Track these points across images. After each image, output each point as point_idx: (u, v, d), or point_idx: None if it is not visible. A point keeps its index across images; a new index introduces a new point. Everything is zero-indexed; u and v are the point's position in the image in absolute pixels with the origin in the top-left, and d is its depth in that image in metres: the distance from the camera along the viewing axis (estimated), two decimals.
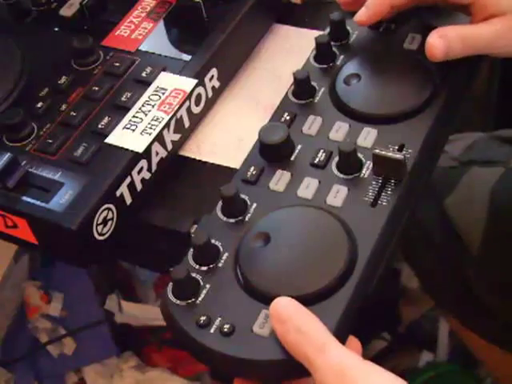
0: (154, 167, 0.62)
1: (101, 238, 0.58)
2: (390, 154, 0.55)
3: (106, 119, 0.62)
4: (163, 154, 0.62)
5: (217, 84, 0.67)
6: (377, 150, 0.56)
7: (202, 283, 0.53)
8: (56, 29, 0.71)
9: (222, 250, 0.55)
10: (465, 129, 0.88)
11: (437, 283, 0.92)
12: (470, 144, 0.85)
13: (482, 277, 0.81)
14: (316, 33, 0.68)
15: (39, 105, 0.64)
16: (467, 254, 0.81)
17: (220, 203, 0.57)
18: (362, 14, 0.64)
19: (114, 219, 0.59)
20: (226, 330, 0.50)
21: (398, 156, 0.55)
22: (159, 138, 0.61)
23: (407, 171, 0.56)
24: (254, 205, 0.57)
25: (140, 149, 0.60)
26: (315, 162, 0.58)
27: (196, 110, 0.65)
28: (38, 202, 0.57)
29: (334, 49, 0.66)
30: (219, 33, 0.67)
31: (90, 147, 0.60)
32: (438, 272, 0.89)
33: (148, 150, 0.60)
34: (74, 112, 0.63)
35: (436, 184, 0.82)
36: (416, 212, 0.69)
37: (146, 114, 0.62)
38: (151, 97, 0.63)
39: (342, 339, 0.50)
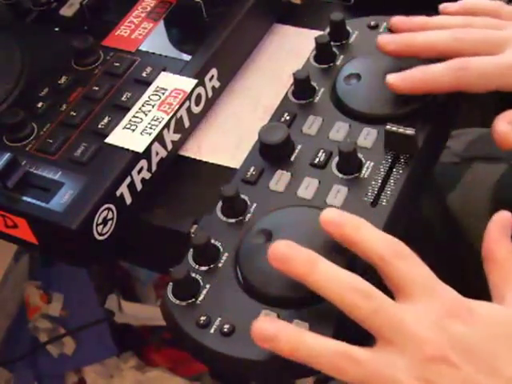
0: (154, 167, 0.62)
1: (101, 237, 0.58)
2: (401, 130, 0.57)
3: (106, 119, 0.62)
4: (163, 154, 0.62)
5: (217, 84, 0.67)
6: (388, 126, 0.57)
7: (202, 283, 0.53)
8: (56, 29, 0.71)
9: (222, 250, 0.55)
10: (466, 125, 0.88)
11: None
12: (472, 140, 0.85)
13: (483, 273, 0.81)
14: (316, 33, 0.68)
15: (39, 105, 0.64)
16: (469, 251, 0.81)
17: (220, 203, 0.57)
18: (395, 80, 0.60)
19: (114, 219, 0.59)
20: (225, 330, 0.50)
21: (409, 132, 0.56)
22: (159, 138, 0.61)
23: (418, 147, 0.57)
24: (254, 205, 0.57)
25: (140, 149, 0.60)
26: (315, 162, 0.58)
27: (196, 109, 0.65)
28: (37, 202, 0.57)
29: (334, 49, 0.66)
30: (219, 33, 0.67)
31: (89, 147, 0.60)
32: (438, 268, 0.89)
33: (148, 150, 0.60)
34: (73, 112, 0.63)
35: (438, 180, 0.82)
36: (417, 209, 0.69)
37: (146, 114, 0.62)
38: (151, 97, 0.63)
39: (345, 340, 0.50)
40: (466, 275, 0.83)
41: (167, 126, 0.62)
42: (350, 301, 0.47)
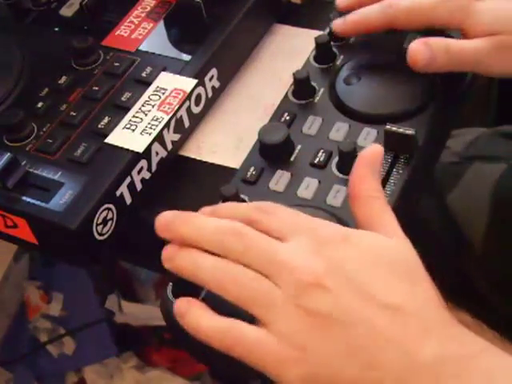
0: (153, 167, 0.62)
1: (101, 237, 0.58)
2: (401, 130, 0.57)
3: (106, 119, 0.62)
4: (163, 154, 0.62)
5: (217, 84, 0.67)
6: (388, 126, 0.57)
7: None
8: (56, 29, 0.71)
9: None
10: (466, 125, 0.88)
11: (436, 278, 0.92)
12: (472, 139, 0.85)
13: (483, 272, 0.81)
14: (316, 33, 0.68)
15: (39, 105, 0.64)
16: (469, 250, 0.81)
17: (220, 203, 0.57)
18: (338, 25, 0.65)
19: (114, 219, 0.59)
20: None
21: (409, 132, 0.56)
22: (159, 138, 0.61)
23: (417, 146, 0.57)
24: None
25: (140, 149, 0.60)
26: (315, 162, 0.59)
27: (196, 109, 0.65)
28: (37, 202, 0.57)
29: (334, 49, 0.66)
30: (219, 33, 0.67)
31: (89, 147, 0.60)
32: (438, 267, 0.89)
33: (148, 149, 0.60)
34: (74, 112, 0.63)
35: (438, 180, 0.82)
36: (417, 209, 0.69)
37: (146, 114, 0.62)
38: (151, 97, 0.63)
39: None
40: (466, 274, 0.83)
41: (167, 126, 0.62)
42: (223, 243, 0.48)
